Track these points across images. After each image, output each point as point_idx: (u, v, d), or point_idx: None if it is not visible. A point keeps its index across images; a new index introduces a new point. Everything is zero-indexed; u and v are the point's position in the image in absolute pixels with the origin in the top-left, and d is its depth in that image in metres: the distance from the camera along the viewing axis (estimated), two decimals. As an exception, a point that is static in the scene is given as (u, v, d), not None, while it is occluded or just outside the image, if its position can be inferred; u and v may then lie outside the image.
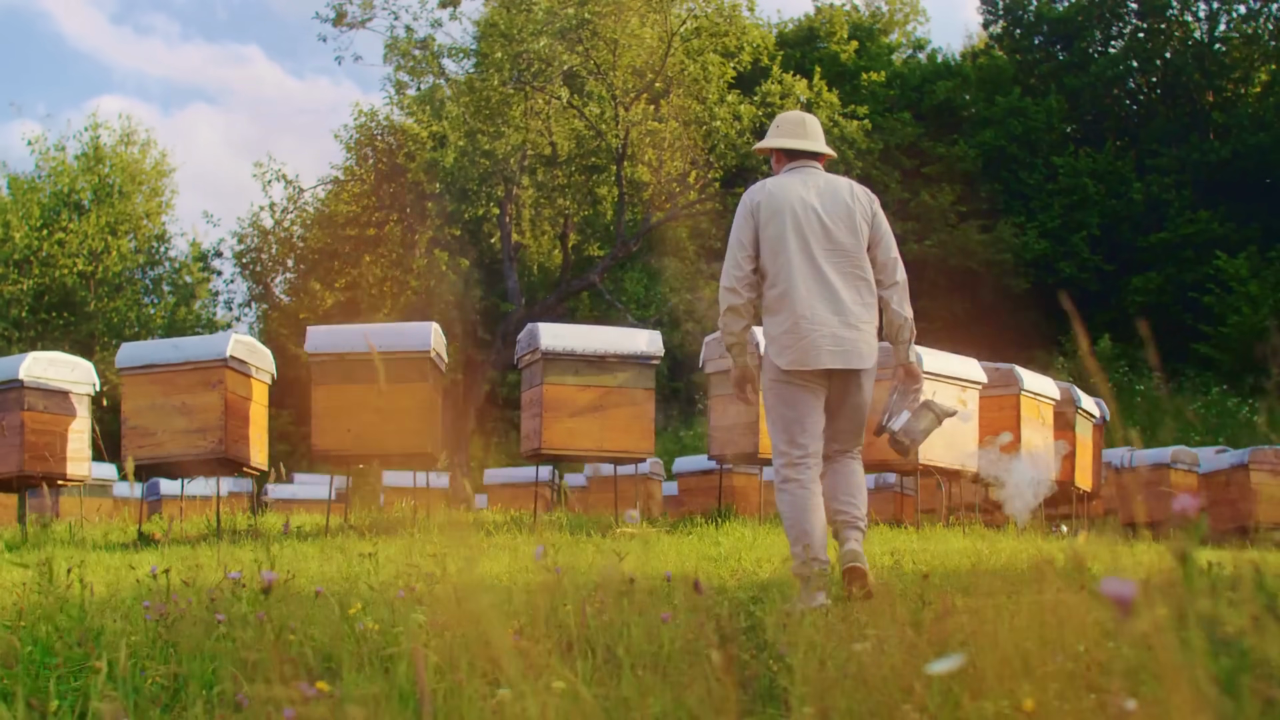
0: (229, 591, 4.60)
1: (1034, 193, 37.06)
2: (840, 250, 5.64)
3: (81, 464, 11.03)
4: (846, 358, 5.58)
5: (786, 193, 5.67)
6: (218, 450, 10.10)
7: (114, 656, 3.46)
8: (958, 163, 37.17)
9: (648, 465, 19.42)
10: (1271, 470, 16.43)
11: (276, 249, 30.45)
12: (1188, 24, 39.61)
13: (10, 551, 9.83)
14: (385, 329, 10.40)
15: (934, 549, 8.17)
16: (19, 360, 10.75)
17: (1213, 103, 38.80)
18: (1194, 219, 35.00)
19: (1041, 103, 38.34)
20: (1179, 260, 34.96)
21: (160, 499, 18.15)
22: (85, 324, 29.63)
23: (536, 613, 3.67)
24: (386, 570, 5.37)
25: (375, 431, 10.07)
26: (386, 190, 27.73)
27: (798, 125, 5.91)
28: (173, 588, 4.81)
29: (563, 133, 25.42)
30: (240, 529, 10.58)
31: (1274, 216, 34.43)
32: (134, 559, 7.74)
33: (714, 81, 24.42)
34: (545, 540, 8.55)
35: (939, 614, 3.80)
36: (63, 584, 4.67)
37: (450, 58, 25.60)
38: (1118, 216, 36.34)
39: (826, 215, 5.65)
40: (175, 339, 10.98)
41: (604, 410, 10.26)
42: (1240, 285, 32.27)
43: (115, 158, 31.93)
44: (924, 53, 44.17)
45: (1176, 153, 36.56)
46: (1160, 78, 39.91)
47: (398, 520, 10.48)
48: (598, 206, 26.91)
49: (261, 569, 3.52)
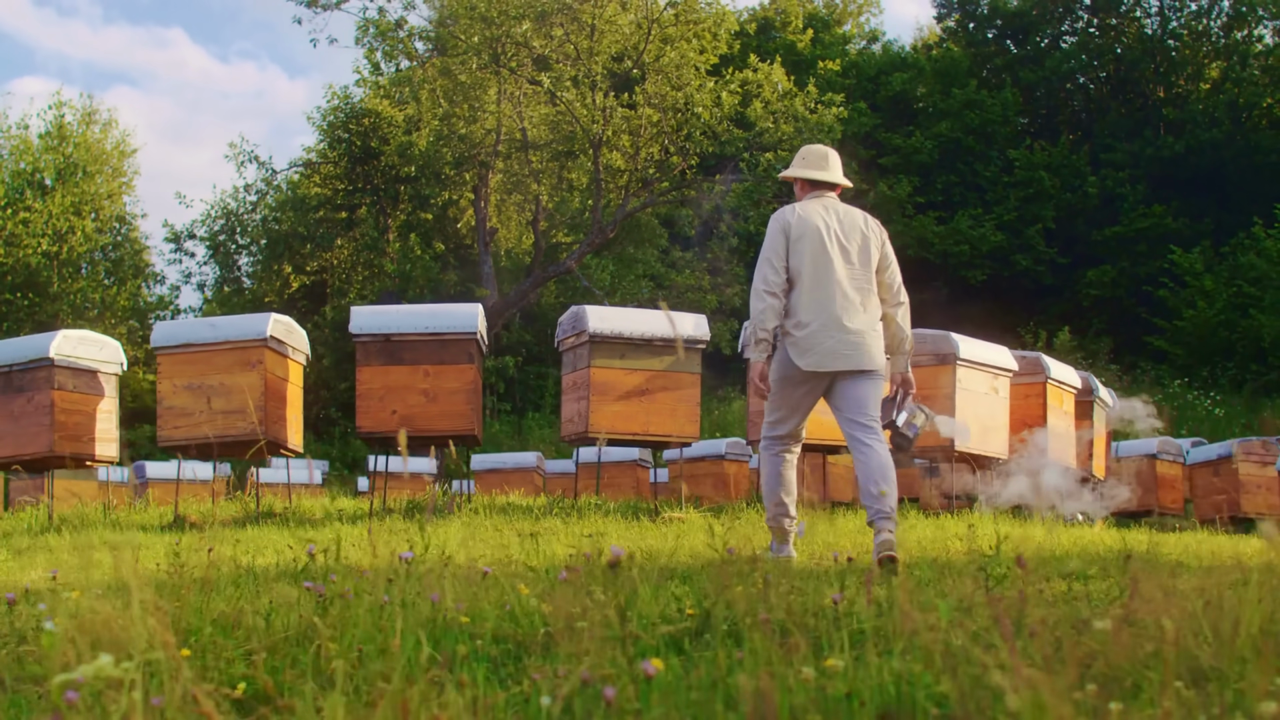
0: (403, 571, 4.51)
1: (990, 185, 37.36)
2: (855, 270, 6.57)
3: (110, 444, 10.80)
4: (858, 360, 6.47)
5: (813, 217, 6.59)
6: (258, 431, 9.93)
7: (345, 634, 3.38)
8: (914, 154, 37.40)
9: (636, 452, 19.38)
10: (1259, 461, 16.71)
11: (239, 232, 30.02)
12: (1139, 20, 40.05)
13: (40, 535, 9.64)
14: (432, 310, 10.24)
15: (1016, 536, 8.16)
16: (49, 338, 10.50)
17: (1164, 98, 39.26)
18: (1148, 213, 35.41)
19: (997, 96, 38.64)
20: (1133, 254, 35.37)
21: (146, 482, 17.85)
22: (49, 305, 29.03)
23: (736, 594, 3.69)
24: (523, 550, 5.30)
25: (421, 413, 9.94)
26: (359, 173, 27.44)
27: (821, 159, 6.82)
28: (329, 568, 4.71)
29: (536, 118, 25.26)
30: (276, 512, 10.41)
31: (1227, 212, 34.91)
32: (234, 538, 7.56)
33: (689, 68, 24.34)
34: (594, 525, 8.49)
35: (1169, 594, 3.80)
36: (203, 565, 4.57)
37: (422, 40, 25.36)
38: (1072, 210, 36.71)
39: (846, 239, 6.59)
40: (212, 318, 10.78)
41: (650, 394, 10.20)
42: (1195, 280, 32.69)
43: (79, 138, 31.32)
44: (878, 45, 44.37)
45: (1130, 147, 36.97)
46: (1112, 73, 40.34)
47: (439, 505, 10.35)
48: (567, 193, 26.77)
49: (595, 547, 3.46)
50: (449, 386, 10.00)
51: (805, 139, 25.18)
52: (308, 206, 27.92)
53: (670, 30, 24.00)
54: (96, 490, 17.45)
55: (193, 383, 10.05)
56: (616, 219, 25.11)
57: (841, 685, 2.96)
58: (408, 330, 10.02)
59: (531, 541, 5.07)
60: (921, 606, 3.62)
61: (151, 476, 17.90)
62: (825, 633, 3.59)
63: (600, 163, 24.61)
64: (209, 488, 17.70)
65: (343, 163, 27.55)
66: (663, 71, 24.22)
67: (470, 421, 10.04)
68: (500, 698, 3.19)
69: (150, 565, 5.36)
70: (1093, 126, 39.49)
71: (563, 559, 4.94)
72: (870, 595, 3.99)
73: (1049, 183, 36.71)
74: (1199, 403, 28.37)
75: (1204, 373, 30.80)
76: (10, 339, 11.17)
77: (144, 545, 7.69)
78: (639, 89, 24.81)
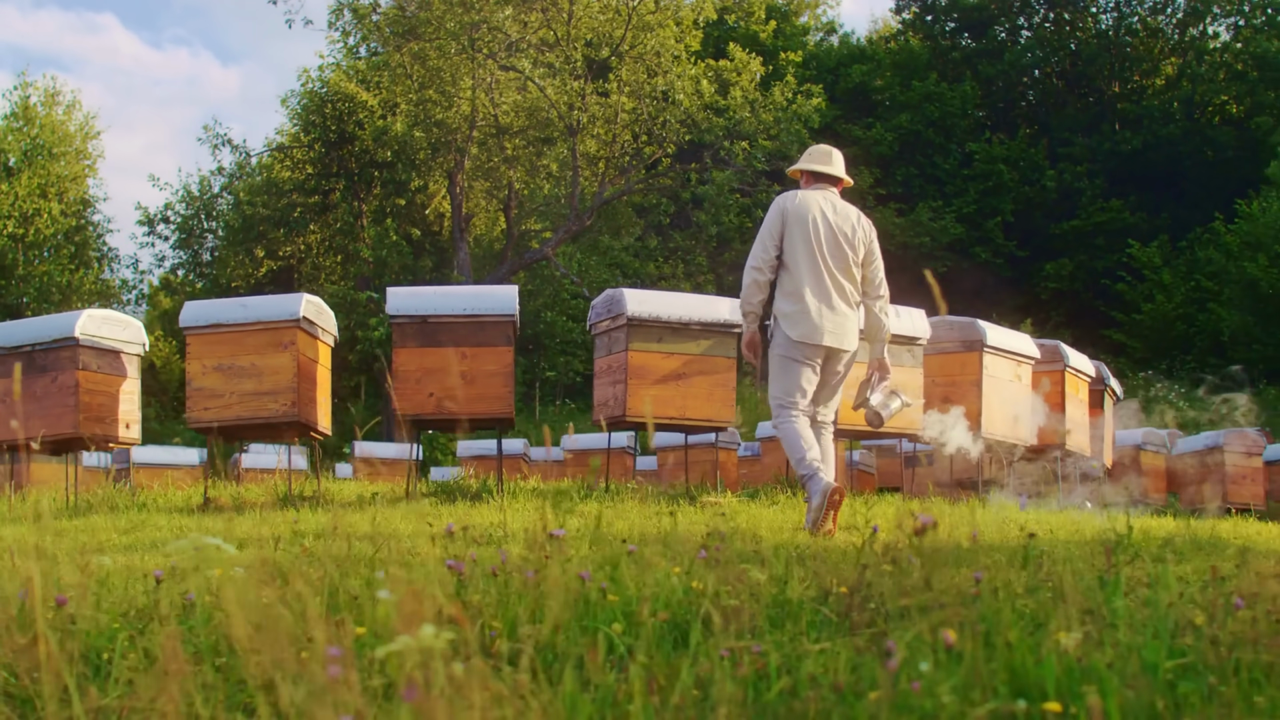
0: (556, 547, 4.44)
1: (949, 178, 37.57)
2: (843, 259, 7.24)
3: (133, 427, 10.60)
4: (839, 339, 7.17)
5: (810, 205, 7.24)
6: (290, 413, 9.75)
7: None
8: (874, 146, 37.52)
9: (624, 439, 19.31)
10: (1246, 452, 16.95)
11: (206, 215, 29.58)
12: (1095, 15, 40.42)
13: (68, 519, 9.45)
14: (472, 291, 10.09)
15: (1054, 523, 8.17)
16: (73, 317, 10.27)
17: (1120, 94, 39.65)
18: (1106, 207, 35.77)
19: (956, 88, 38.84)
20: (1091, 248, 35.72)
21: (128, 467, 17.57)
22: (15, 288, 28.46)
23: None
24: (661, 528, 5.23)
25: (459, 395, 9.81)
26: (334, 157, 27.09)
27: (825, 156, 7.46)
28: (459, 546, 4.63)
29: (511, 104, 25.08)
30: (306, 496, 10.25)
31: (1184, 207, 35.32)
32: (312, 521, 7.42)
33: (668, 55, 24.24)
34: (632, 509, 8.43)
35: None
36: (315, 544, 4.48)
37: (393, 28, 25.07)
38: (1031, 203, 37.02)
39: (837, 230, 7.24)
40: (243, 298, 10.57)
41: (687, 378, 10.13)
42: (1153, 274, 33.06)
43: (44, 119, 30.69)
44: (835, 36, 44.50)
45: (1088, 142, 37.32)
46: (1069, 68, 40.68)
47: (478, 489, 10.25)
48: (544, 180, 26.60)
49: (908, 516, 3.40)
50: (487, 369, 9.88)
51: (784, 129, 25.21)
52: (280, 191, 27.56)
53: (650, 18, 23.89)
54: (81, 475, 17.14)
55: (222, 363, 9.86)
56: (593, 206, 24.98)
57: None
58: (445, 312, 9.87)
59: (671, 520, 5.01)
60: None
61: (136, 461, 17.63)
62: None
63: (577, 150, 24.47)
64: (190, 473, 17.49)
65: (316, 147, 27.20)
66: (641, 59, 24.12)
67: (507, 404, 9.92)
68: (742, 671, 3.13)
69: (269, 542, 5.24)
70: (1050, 121, 39.83)
71: (691, 538, 4.89)
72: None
73: (1008, 176, 36.99)
74: (1165, 395, 28.70)
75: (1163, 365, 31.16)
76: (31, 318, 10.94)
77: (215, 529, 7.55)
78: (612, 75, 24.69)
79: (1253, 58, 38.04)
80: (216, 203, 29.73)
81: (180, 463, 17.79)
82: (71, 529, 8.40)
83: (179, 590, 3.74)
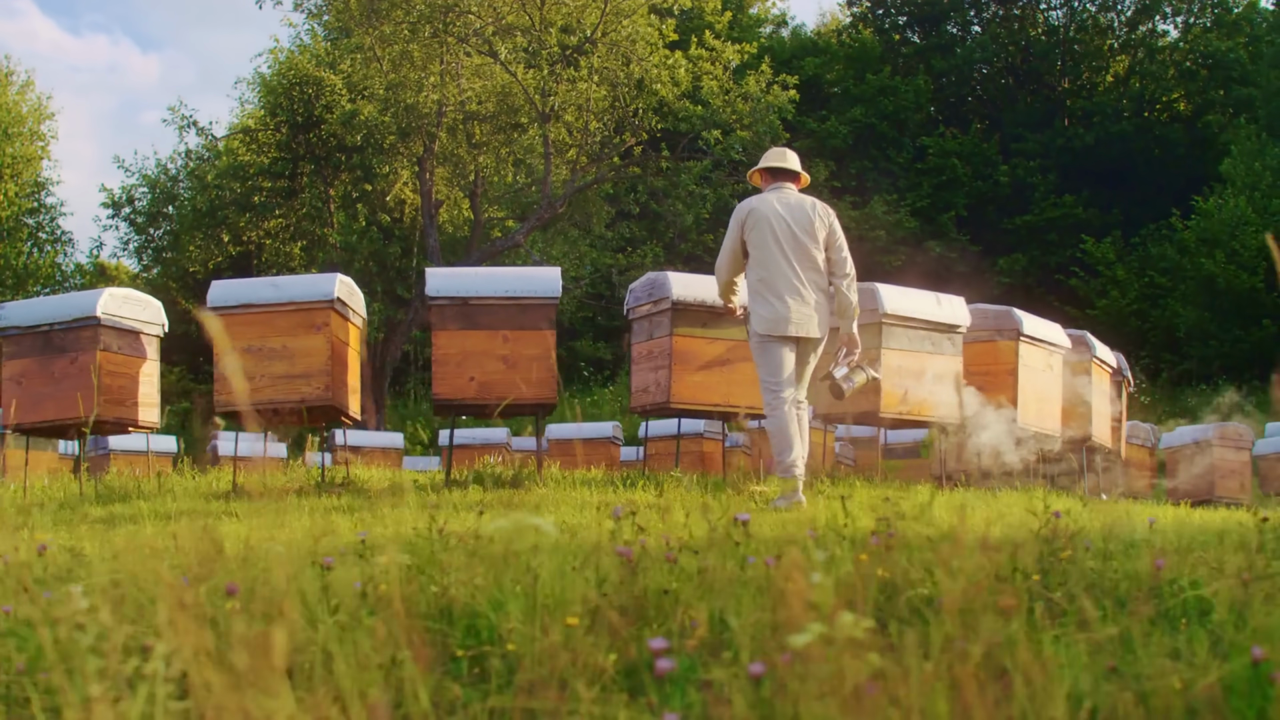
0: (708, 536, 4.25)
1: (903, 171, 37.61)
2: (803, 251, 7.81)
3: (152, 410, 10.22)
4: (805, 328, 7.78)
5: (764, 206, 7.88)
6: (324, 396, 9.43)
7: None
8: (829, 139, 37.45)
9: (609, 428, 19.08)
10: (1234, 446, 17.03)
11: (165, 200, 28.91)
12: (1045, 12, 40.65)
13: (82, 506, 9.10)
14: (515, 273, 9.78)
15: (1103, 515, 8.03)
16: (94, 296, 9.88)
17: (1070, 89, 39.90)
18: (1059, 203, 35.97)
19: (910, 82, 38.89)
20: (1044, 243, 35.90)
21: (109, 454, 17.11)
22: (-28, 271, 27.70)
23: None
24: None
25: (500, 380, 9.53)
26: (301, 141, 26.55)
27: (780, 156, 8.12)
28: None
29: (481, 90, 24.71)
30: (338, 482, 9.94)
31: (1135, 203, 35.59)
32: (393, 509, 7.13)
33: (643, 42, 23.97)
34: (680, 499, 8.22)
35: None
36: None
37: (361, 8, 24.59)
38: (984, 198, 37.13)
39: (794, 224, 7.82)
40: (273, 278, 10.21)
41: (731, 364, 9.91)
42: (1107, 270, 33.27)
43: (0, 99, 29.94)
44: (787, 30, 44.40)
45: (1040, 138, 37.50)
46: (1019, 63, 40.88)
47: (511, 477, 9.97)
48: (512, 167, 26.22)
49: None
50: (529, 352, 9.59)
51: (759, 118, 25.05)
52: (245, 175, 26.98)
53: (624, 4, 23.59)
54: (57, 461, 16.71)
55: (252, 345, 9.50)
56: (566, 195, 24.66)
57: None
58: (487, 294, 9.58)
59: (840, 505, 4.79)
60: None
61: (114, 448, 17.17)
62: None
63: (549, 138, 24.15)
64: (168, 460, 17.04)
65: (283, 130, 26.63)
66: (616, 46, 23.83)
67: (550, 389, 9.64)
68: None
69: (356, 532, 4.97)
70: (1002, 116, 40.00)
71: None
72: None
73: (961, 170, 37.08)
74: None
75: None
76: (49, 297, 10.52)
77: (275, 519, 7.30)
78: (584, 61, 24.38)
79: (1201, 56, 38.42)
80: (177, 186, 29.09)
81: (160, 450, 17.32)
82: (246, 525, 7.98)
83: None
